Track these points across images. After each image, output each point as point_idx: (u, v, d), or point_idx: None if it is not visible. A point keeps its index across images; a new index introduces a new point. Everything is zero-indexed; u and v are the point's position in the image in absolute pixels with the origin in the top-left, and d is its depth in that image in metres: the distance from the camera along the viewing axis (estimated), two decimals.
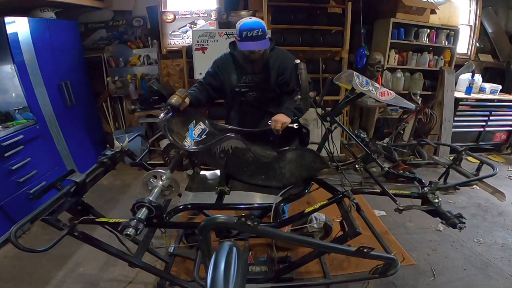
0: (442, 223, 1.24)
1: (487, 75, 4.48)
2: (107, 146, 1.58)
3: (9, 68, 2.52)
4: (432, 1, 3.75)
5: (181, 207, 1.39)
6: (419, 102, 3.90)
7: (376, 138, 4.11)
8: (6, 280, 2.01)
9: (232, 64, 1.86)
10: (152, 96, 3.60)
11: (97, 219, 1.29)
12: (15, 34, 2.52)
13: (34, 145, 2.62)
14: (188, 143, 1.48)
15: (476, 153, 2.32)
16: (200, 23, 3.87)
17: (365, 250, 1.04)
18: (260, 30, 1.63)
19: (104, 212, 1.60)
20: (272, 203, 1.34)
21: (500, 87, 4.13)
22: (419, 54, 4.00)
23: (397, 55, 3.93)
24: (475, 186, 1.74)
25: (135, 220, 1.08)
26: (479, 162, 1.62)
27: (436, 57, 4.03)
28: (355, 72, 1.44)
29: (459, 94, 4.03)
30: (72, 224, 1.17)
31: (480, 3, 4.30)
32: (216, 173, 1.62)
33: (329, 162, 1.50)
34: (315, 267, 2.03)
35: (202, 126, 1.64)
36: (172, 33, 3.91)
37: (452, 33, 3.97)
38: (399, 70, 3.95)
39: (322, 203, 1.41)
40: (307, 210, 1.41)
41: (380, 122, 4.25)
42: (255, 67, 1.80)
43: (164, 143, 3.44)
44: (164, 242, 1.74)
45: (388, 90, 1.43)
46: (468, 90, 4.05)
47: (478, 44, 4.47)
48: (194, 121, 1.62)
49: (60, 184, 1.27)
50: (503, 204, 2.83)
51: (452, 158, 1.71)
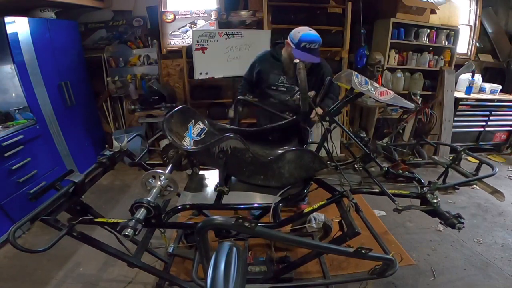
0: (441, 223, 1.24)
1: (487, 75, 4.48)
2: (106, 146, 1.58)
3: (9, 68, 2.52)
4: (432, 1, 3.74)
5: (179, 207, 1.38)
6: (419, 102, 3.89)
7: (376, 138, 4.11)
8: (6, 280, 2.01)
9: (273, 63, 1.97)
10: (152, 96, 3.60)
11: (95, 219, 1.29)
12: (15, 34, 2.52)
13: (34, 145, 2.62)
14: (187, 143, 1.48)
15: (476, 153, 2.32)
16: (200, 23, 3.87)
17: (363, 251, 1.03)
18: (318, 44, 1.76)
19: (103, 212, 1.60)
20: (271, 203, 1.34)
21: (500, 87, 4.13)
22: (419, 54, 4.00)
23: (397, 55, 3.93)
24: (475, 186, 1.74)
25: (133, 221, 1.07)
26: (478, 162, 1.61)
27: (436, 57, 4.03)
28: (354, 72, 1.44)
29: (459, 94, 4.03)
30: (71, 224, 1.17)
31: (480, 3, 4.30)
32: (215, 173, 1.62)
33: (328, 162, 1.49)
34: (315, 267, 2.03)
35: (201, 125, 1.64)
36: (172, 33, 3.91)
37: (452, 33, 3.97)
38: (399, 70, 3.95)
39: (321, 203, 1.40)
40: (306, 210, 1.41)
41: (380, 122, 4.25)
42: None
43: (163, 143, 3.46)
44: (163, 242, 1.74)
45: (387, 90, 1.42)
46: (468, 90, 4.04)
47: (478, 44, 4.46)
48: (193, 120, 1.61)
49: (59, 184, 1.27)
50: (503, 204, 2.83)
51: (451, 158, 1.70)
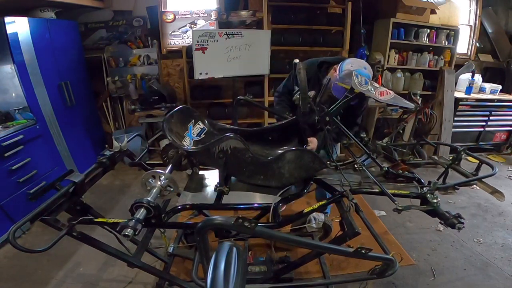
0: (441, 223, 1.24)
1: (487, 75, 4.48)
2: (106, 146, 1.58)
3: (9, 68, 2.52)
4: (432, 1, 3.75)
5: (179, 207, 1.38)
6: (419, 102, 3.89)
7: (376, 138, 4.11)
8: (6, 280, 2.01)
9: (315, 81, 1.82)
10: (152, 96, 3.59)
11: (95, 219, 1.28)
12: (15, 34, 2.52)
13: (34, 145, 2.62)
14: (187, 143, 1.48)
15: (476, 153, 2.31)
16: (200, 23, 3.87)
17: (363, 251, 1.03)
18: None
19: (104, 212, 1.60)
20: (271, 203, 1.34)
21: (500, 87, 4.13)
22: (419, 54, 4.00)
23: (397, 55, 3.93)
24: (475, 186, 1.74)
25: (133, 221, 1.07)
26: (478, 162, 1.61)
27: (436, 57, 4.03)
28: (354, 72, 1.44)
29: (459, 94, 4.03)
30: (71, 224, 1.17)
31: (480, 3, 4.30)
32: (215, 173, 1.62)
33: (328, 162, 1.49)
34: (314, 267, 2.03)
35: (201, 125, 1.64)
36: (172, 33, 3.91)
37: (452, 33, 3.97)
38: (399, 70, 3.95)
39: (321, 203, 1.40)
40: (306, 210, 1.41)
41: (380, 122, 4.25)
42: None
43: (163, 143, 3.46)
44: (163, 242, 1.74)
45: (387, 90, 1.42)
46: (468, 90, 4.04)
47: (478, 44, 4.46)
48: (193, 120, 1.61)
49: (59, 184, 1.27)
50: (503, 204, 2.83)
51: (451, 158, 1.70)
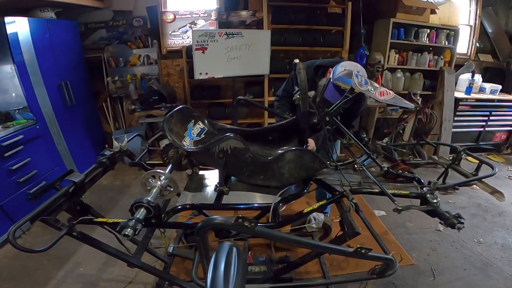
0: (441, 223, 1.24)
1: (487, 75, 4.48)
2: (106, 146, 1.58)
3: (9, 68, 2.52)
4: (432, 1, 3.75)
5: (179, 207, 1.38)
6: (419, 102, 3.89)
7: (376, 138, 4.11)
8: (6, 280, 2.01)
9: (312, 83, 1.78)
10: (152, 96, 3.59)
11: (95, 219, 1.28)
12: (15, 34, 2.52)
13: (34, 145, 2.62)
14: (187, 143, 1.48)
15: (476, 153, 2.32)
16: (200, 23, 3.87)
17: (363, 251, 1.03)
18: None
19: (104, 212, 1.60)
20: (271, 203, 1.34)
21: (500, 87, 4.13)
22: (419, 54, 4.00)
23: (397, 55, 3.93)
24: (475, 186, 1.73)
25: (133, 220, 1.08)
26: (478, 162, 1.61)
27: (436, 57, 4.03)
28: (354, 71, 1.44)
29: (459, 94, 4.03)
30: (71, 224, 1.17)
31: (480, 3, 4.30)
32: (215, 173, 1.62)
33: (328, 162, 1.49)
34: (314, 267, 2.03)
35: (201, 125, 1.64)
36: (172, 33, 3.91)
37: (452, 33, 3.97)
38: (399, 70, 3.95)
39: (321, 203, 1.40)
40: (306, 210, 1.41)
41: (380, 122, 4.25)
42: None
43: (163, 143, 3.46)
44: (163, 242, 1.74)
45: (387, 90, 1.42)
46: (468, 90, 4.05)
47: (478, 44, 4.46)
48: (193, 120, 1.61)
49: (59, 184, 1.27)
50: (503, 204, 2.83)
51: (451, 158, 1.70)
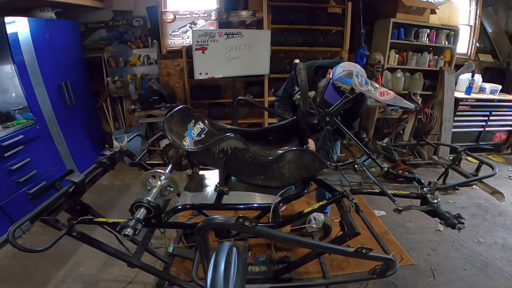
0: (441, 223, 1.24)
1: (487, 75, 4.48)
2: (106, 146, 1.58)
3: (9, 68, 2.52)
4: (432, 1, 3.74)
5: (179, 207, 1.38)
6: (419, 102, 3.89)
7: (376, 138, 4.11)
8: (6, 280, 2.01)
9: (312, 84, 1.77)
10: (152, 96, 3.60)
11: (95, 219, 1.28)
12: (15, 34, 2.52)
13: (34, 145, 2.62)
14: (187, 143, 1.48)
15: (476, 153, 2.32)
16: (200, 23, 3.87)
17: (363, 251, 1.03)
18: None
19: (104, 212, 1.60)
20: (271, 203, 1.34)
21: (500, 87, 4.13)
22: (419, 54, 4.00)
23: (397, 55, 3.93)
24: (475, 187, 1.73)
25: (133, 220, 1.08)
26: (478, 162, 1.61)
27: (436, 57, 4.03)
28: (354, 72, 1.44)
29: (459, 94, 4.03)
30: (71, 224, 1.17)
31: (480, 3, 4.30)
32: (215, 173, 1.62)
33: (328, 162, 1.49)
34: (315, 267, 2.03)
35: (201, 125, 1.64)
36: (172, 33, 3.90)
37: (452, 33, 3.97)
38: (399, 70, 3.95)
39: (321, 203, 1.40)
40: (306, 210, 1.41)
41: (380, 122, 4.25)
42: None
43: (163, 143, 3.46)
44: (163, 242, 1.74)
45: (387, 90, 1.42)
46: (468, 90, 4.05)
47: (478, 44, 4.46)
48: (193, 120, 1.61)
49: (59, 184, 1.27)
50: (503, 204, 2.83)
51: (451, 158, 1.70)
